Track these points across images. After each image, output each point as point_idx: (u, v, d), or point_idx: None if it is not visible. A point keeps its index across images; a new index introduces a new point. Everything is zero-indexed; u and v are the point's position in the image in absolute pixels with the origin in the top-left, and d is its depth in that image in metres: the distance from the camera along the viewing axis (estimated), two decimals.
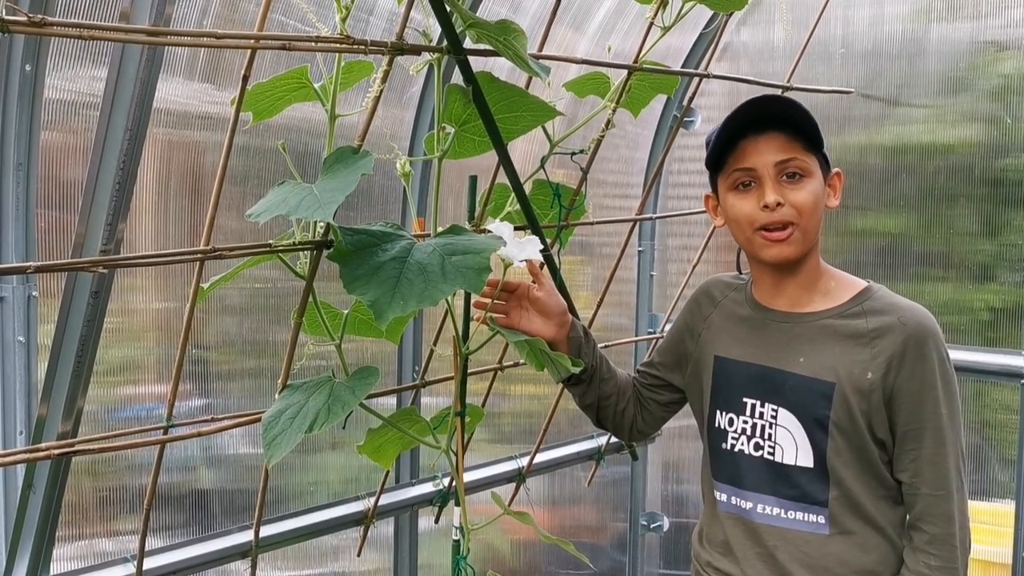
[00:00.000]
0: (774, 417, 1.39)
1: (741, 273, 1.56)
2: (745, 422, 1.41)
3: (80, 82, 1.69)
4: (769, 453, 1.39)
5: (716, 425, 1.45)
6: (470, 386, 1.57)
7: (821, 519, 1.36)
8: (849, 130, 2.67)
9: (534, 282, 1.49)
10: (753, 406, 1.41)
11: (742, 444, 1.41)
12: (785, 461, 1.38)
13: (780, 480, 1.38)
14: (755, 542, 1.39)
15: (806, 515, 1.36)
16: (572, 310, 1.63)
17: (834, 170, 1.42)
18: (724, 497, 1.44)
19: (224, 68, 1.89)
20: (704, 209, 1.51)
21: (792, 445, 1.37)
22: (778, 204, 1.34)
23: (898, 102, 2.62)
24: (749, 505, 1.40)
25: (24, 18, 0.99)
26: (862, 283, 1.41)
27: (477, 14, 2.16)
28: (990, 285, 2.49)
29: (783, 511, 1.37)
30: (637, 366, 1.66)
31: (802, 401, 1.37)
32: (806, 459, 1.36)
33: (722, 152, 1.39)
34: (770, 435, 1.39)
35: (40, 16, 1.00)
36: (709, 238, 2.57)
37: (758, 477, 1.40)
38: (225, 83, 1.90)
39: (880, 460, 1.36)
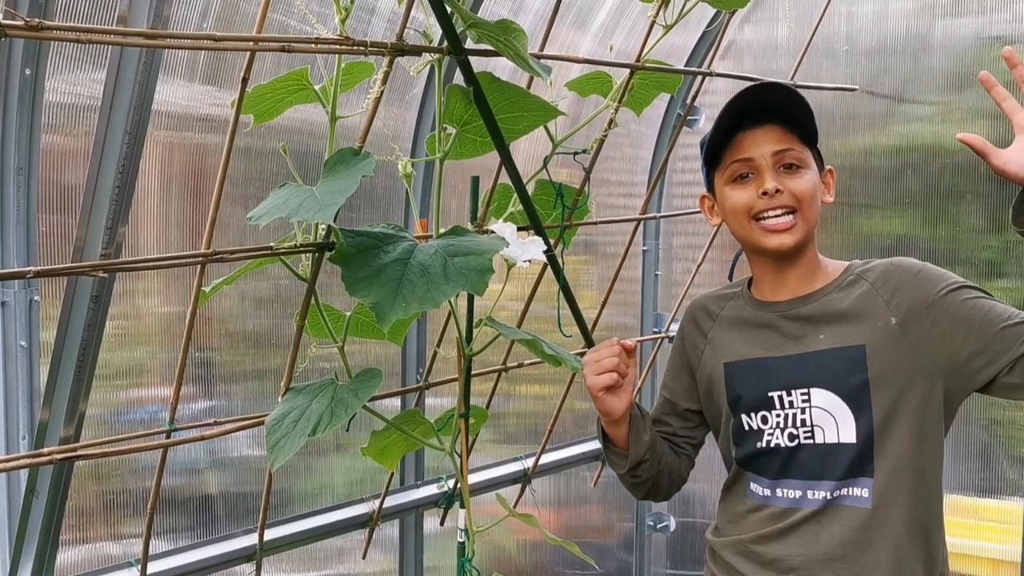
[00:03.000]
0: (806, 400, 1.38)
1: (731, 280, 1.55)
2: (779, 415, 1.40)
3: (81, 85, 1.69)
4: (807, 437, 1.37)
5: (747, 428, 1.43)
6: (474, 387, 1.56)
7: (865, 492, 1.34)
8: (854, 128, 2.66)
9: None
10: (781, 397, 1.40)
11: (778, 438, 1.40)
12: (827, 441, 1.36)
13: (824, 461, 1.36)
14: (798, 523, 1.37)
15: (851, 489, 1.35)
16: (577, 312, 1.62)
17: (827, 167, 1.44)
18: (765, 492, 1.41)
19: (225, 70, 1.88)
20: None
21: (832, 423, 1.36)
22: (777, 191, 1.35)
23: (903, 99, 2.61)
24: (796, 495, 1.38)
25: (22, 22, 0.99)
26: (844, 262, 1.45)
27: (478, 14, 2.15)
28: (998, 282, 2.48)
29: (829, 493, 1.36)
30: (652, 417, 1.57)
31: (834, 374, 1.36)
32: (848, 435, 1.35)
33: (719, 148, 1.40)
34: (803, 420, 1.38)
35: (38, 20, 0.99)
36: (714, 236, 2.56)
37: (801, 464, 1.38)
38: (226, 85, 1.89)
39: (927, 414, 1.34)
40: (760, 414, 1.42)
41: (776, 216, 1.36)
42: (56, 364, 1.39)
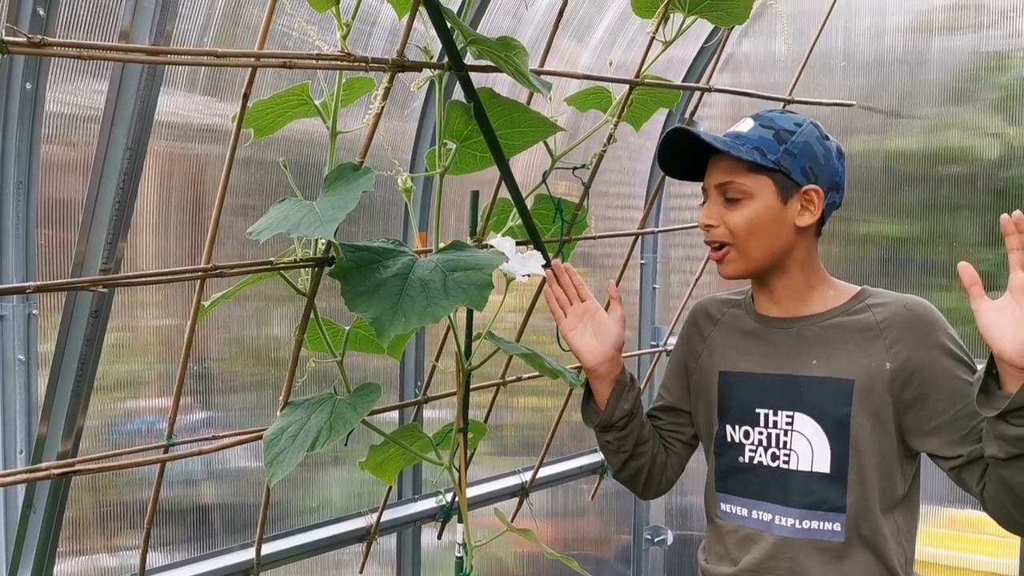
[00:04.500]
0: (789, 424, 1.38)
1: None
2: (761, 433, 1.40)
3: (81, 95, 1.69)
4: (784, 461, 1.38)
5: (729, 440, 1.44)
6: (473, 399, 1.56)
7: (837, 526, 1.34)
8: (851, 141, 2.67)
9: (608, 305, 1.49)
10: (767, 416, 1.40)
11: (760, 456, 1.40)
12: (800, 468, 1.37)
13: (795, 488, 1.37)
14: (772, 555, 1.38)
15: (822, 523, 1.35)
16: None
17: (808, 186, 1.37)
18: (742, 512, 1.42)
19: (226, 80, 1.88)
20: None
21: (808, 451, 1.36)
22: (708, 226, 1.39)
23: (900, 113, 2.62)
24: (768, 517, 1.39)
25: (24, 39, 0.99)
26: (856, 286, 1.43)
27: (480, 25, 2.16)
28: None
29: (798, 521, 1.36)
30: (647, 412, 1.59)
31: (820, 403, 1.36)
32: (822, 464, 1.35)
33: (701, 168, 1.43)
34: (785, 443, 1.38)
35: (40, 36, 0.99)
36: None
37: (776, 487, 1.38)
38: (227, 95, 1.89)
39: (899, 458, 1.35)
40: (743, 428, 1.42)
41: (713, 248, 1.40)
42: (54, 378, 1.39)
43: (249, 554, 1.79)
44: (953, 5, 2.51)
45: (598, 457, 2.68)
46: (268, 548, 1.87)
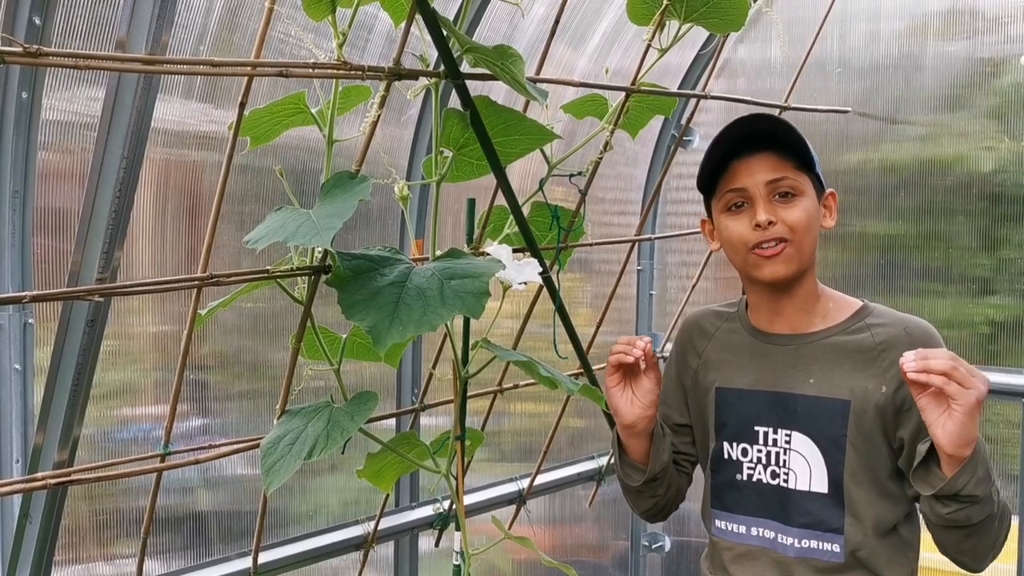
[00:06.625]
0: (788, 442, 1.37)
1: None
2: (760, 451, 1.39)
3: (77, 103, 1.69)
4: (784, 480, 1.37)
5: (727, 457, 1.43)
6: (470, 406, 1.56)
7: (836, 547, 1.34)
8: (847, 147, 2.68)
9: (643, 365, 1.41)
10: (766, 434, 1.39)
11: (759, 473, 1.39)
12: (799, 487, 1.36)
13: (794, 507, 1.36)
14: (772, 574, 1.37)
15: (821, 543, 1.35)
16: (572, 333, 1.62)
17: (828, 190, 1.40)
18: (739, 529, 1.42)
19: (222, 87, 1.88)
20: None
21: (806, 470, 1.36)
22: (770, 223, 1.32)
23: (895, 119, 2.62)
24: (771, 535, 1.38)
25: (20, 49, 0.99)
26: (858, 301, 1.41)
27: (476, 33, 2.16)
28: (990, 299, 2.49)
29: (797, 540, 1.36)
30: None
31: (816, 423, 1.35)
32: (820, 484, 1.35)
33: (713, 174, 1.38)
34: (784, 461, 1.37)
35: (36, 46, 0.99)
36: (710, 255, 2.57)
37: (776, 506, 1.38)
38: (223, 103, 1.89)
39: (894, 478, 1.34)
40: (741, 446, 1.41)
41: (770, 245, 1.34)
42: (51, 388, 1.38)
43: (246, 562, 1.79)
44: (948, 12, 2.52)
45: (595, 464, 2.68)
46: (265, 556, 1.87)
